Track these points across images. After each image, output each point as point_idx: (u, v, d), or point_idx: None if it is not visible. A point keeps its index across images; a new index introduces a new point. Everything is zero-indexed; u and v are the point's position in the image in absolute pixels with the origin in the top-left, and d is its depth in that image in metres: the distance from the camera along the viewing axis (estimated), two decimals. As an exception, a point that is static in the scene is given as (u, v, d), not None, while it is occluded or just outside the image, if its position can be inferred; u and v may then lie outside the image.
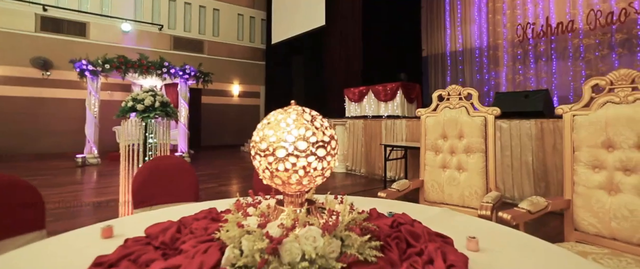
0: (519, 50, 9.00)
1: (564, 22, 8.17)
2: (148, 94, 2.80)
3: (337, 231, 0.65)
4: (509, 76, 9.14)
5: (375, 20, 8.00)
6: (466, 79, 10.38)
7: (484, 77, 9.85)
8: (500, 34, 9.39)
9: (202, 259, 0.64)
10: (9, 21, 8.08)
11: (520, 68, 9.02)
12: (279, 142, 0.70)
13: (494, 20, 9.59)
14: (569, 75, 8.15)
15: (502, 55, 9.38)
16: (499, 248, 0.87)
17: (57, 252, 0.83)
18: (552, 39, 8.49)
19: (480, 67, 9.94)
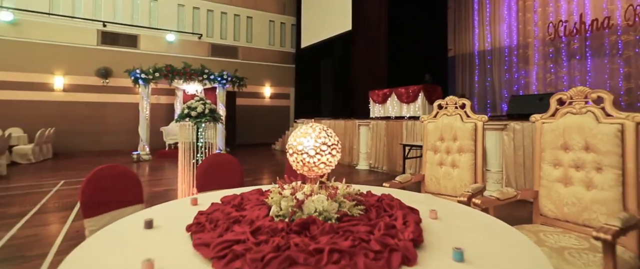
0: (550, 48, 8.86)
1: (599, 19, 7.99)
2: (199, 103, 3.41)
3: (336, 198, 1.11)
4: (540, 75, 9.03)
5: (400, 23, 8.28)
6: (494, 79, 10.33)
7: (513, 77, 9.77)
8: (530, 32, 9.29)
9: (259, 213, 1.13)
10: (76, 37, 9.30)
11: (551, 67, 8.88)
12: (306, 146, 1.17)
13: (524, 19, 9.49)
14: (605, 73, 7.96)
15: (532, 54, 9.27)
16: (452, 218, 1.28)
17: (169, 213, 1.36)
18: (587, 36, 8.30)
19: (509, 67, 9.87)
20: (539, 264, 0.91)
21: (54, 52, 9.05)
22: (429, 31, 8.98)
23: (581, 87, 1.67)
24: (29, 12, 8.71)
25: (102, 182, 1.71)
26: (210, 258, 0.86)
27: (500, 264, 0.92)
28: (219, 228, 1.02)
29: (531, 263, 0.93)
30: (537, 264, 0.92)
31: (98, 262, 0.89)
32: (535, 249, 1.01)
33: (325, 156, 1.18)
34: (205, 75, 8.03)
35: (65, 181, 5.16)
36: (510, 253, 1.00)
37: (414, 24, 8.49)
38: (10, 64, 8.57)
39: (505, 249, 1.02)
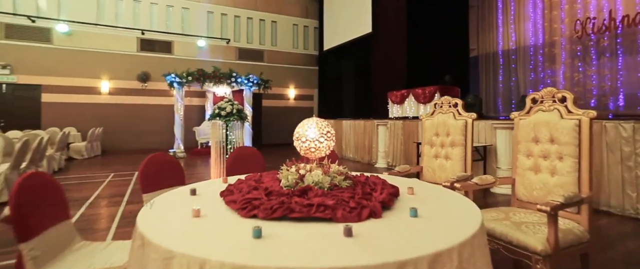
0: (578, 46, 8.69)
1: (631, 15, 7.79)
2: (228, 104, 3.89)
3: (329, 173, 1.49)
4: (567, 74, 8.87)
5: (420, 25, 8.46)
6: (519, 78, 10.23)
7: (539, 76, 9.64)
8: (557, 30, 9.14)
9: (272, 184, 1.53)
10: (119, 45, 10.26)
11: (580, 65, 8.71)
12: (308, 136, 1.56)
13: (551, 16, 9.35)
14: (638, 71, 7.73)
15: (559, 52, 9.11)
16: (425, 194, 1.61)
17: (206, 187, 1.79)
18: (618, 33, 8.10)
19: (535, 66, 9.74)
20: (472, 215, 1.24)
21: (100, 59, 10.06)
22: (450, 32, 9.06)
23: (550, 88, 1.94)
24: (80, 23, 9.75)
25: (154, 166, 2.19)
26: (236, 209, 1.27)
27: (442, 217, 1.25)
28: (243, 191, 1.43)
29: (465, 214, 1.26)
30: (470, 215, 1.24)
31: (163, 212, 1.31)
32: (475, 209, 1.33)
33: (323, 142, 1.56)
34: (233, 78, 8.64)
35: (114, 174, 5.89)
36: (455, 211, 1.33)
37: (434, 25, 8.62)
38: (66, 70, 9.64)
39: (452, 209, 1.35)
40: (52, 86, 9.52)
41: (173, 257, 0.92)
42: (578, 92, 8.83)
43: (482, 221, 1.22)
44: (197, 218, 1.21)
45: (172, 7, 11.05)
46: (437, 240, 1.01)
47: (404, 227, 1.15)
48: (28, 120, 9.09)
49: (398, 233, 1.09)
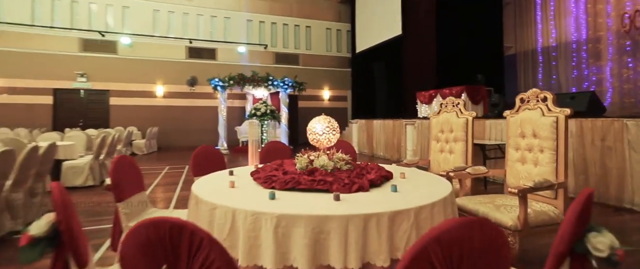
0: (627, 41, 8.20)
1: (686, 6, 7.26)
2: (262, 105, 4.44)
3: (333, 159, 1.91)
4: (615, 70, 8.40)
5: (450, 25, 8.50)
6: (561, 76, 9.81)
7: (582, 73, 9.20)
8: (602, 25, 8.68)
9: (290, 167, 1.98)
10: (170, 53, 11.44)
11: (629, 61, 8.22)
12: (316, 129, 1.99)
13: (595, 11, 8.90)
14: (693, 66, 7.19)
15: (605, 48, 8.65)
16: (415, 179, 1.96)
17: (242, 171, 2.29)
18: (672, 27, 7.56)
19: (578, 63, 9.31)
20: (441, 193, 1.58)
21: (155, 66, 11.30)
22: (483, 30, 8.97)
23: (535, 89, 2.18)
24: (139, 35, 11.06)
25: (202, 155, 2.75)
26: (260, 183, 1.73)
27: (416, 192, 1.61)
28: (266, 171, 1.90)
29: (436, 192, 1.60)
30: (440, 192, 1.58)
31: (208, 186, 1.81)
32: (447, 189, 1.66)
33: (327, 135, 1.98)
34: (269, 81, 9.31)
35: (169, 167, 6.79)
36: (429, 189, 1.67)
37: (465, 25, 8.60)
38: (128, 77, 11.00)
39: (428, 188, 1.70)
40: (117, 91, 10.91)
41: (216, 208, 1.40)
42: (628, 90, 8.33)
43: (448, 196, 1.56)
44: (232, 188, 1.69)
45: (216, 17, 12.07)
46: (401, 204, 1.38)
47: (382, 197, 1.53)
48: (99, 120, 10.54)
49: (375, 200, 1.48)
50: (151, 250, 0.79)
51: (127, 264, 0.82)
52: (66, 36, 10.47)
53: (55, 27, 10.35)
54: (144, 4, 11.27)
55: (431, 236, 0.72)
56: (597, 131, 3.82)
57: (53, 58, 10.30)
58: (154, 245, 0.78)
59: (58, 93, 10.46)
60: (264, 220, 1.27)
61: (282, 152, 3.12)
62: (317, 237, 1.25)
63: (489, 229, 0.78)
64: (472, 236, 0.75)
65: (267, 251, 1.26)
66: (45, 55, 10.23)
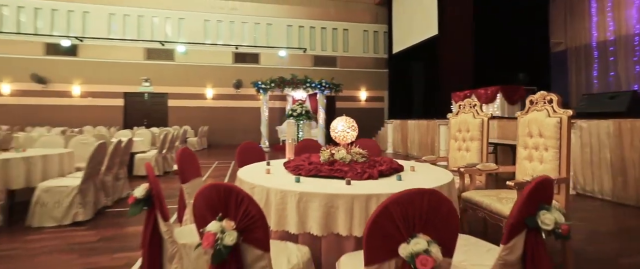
0: (699, 33, 7.47)
1: None
2: (298, 106, 4.89)
3: (350, 152, 2.27)
4: (685, 64, 7.67)
5: (488, 23, 8.32)
6: (620, 72, 9.14)
7: (645, 69, 8.48)
8: (668, 15, 7.95)
9: (316, 159, 2.37)
10: (219, 59, 12.47)
11: (700, 55, 7.47)
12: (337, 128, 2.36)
13: (660, 0, 8.17)
14: None
15: (672, 41, 7.92)
16: (424, 172, 2.25)
17: (277, 163, 2.73)
18: None
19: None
20: (441, 182, 1.87)
21: (206, 71, 12.39)
22: (526, 27, 8.64)
23: (543, 91, 2.35)
24: (192, 43, 12.21)
25: (244, 150, 3.24)
26: (290, 171, 2.14)
27: (418, 181, 1.92)
28: (296, 162, 2.31)
29: (437, 182, 1.89)
30: (440, 182, 1.87)
31: (249, 172, 2.27)
32: (448, 180, 1.94)
33: (346, 132, 2.35)
34: (307, 83, 9.82)
35: (218, 162, 7.57)
36: (432, 180, 1.96)
37: (506, 22, 8.36)
38: (183, 81, 12.21)
39: (431, 179, 1.99)
40: (174, 94, 12.17)
41: (255, 187, 1.84)
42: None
43: (444, 184, 1.85)
44: (268, 173, 2.13)
45: (259, 24, 12.89)
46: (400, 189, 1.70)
47: (386, 183, 1.86)
48: (160, 120, 11.86)
49: (380, 186, 1.82)
50: (211, 203, 1.22)
51: (197, 212, 1.27)
52: (134, 46, 11.92)
53: (125, 39, 11.83)
54: (196, 15, 12.43)
55: (392, 199, 1.07)
56: (637, 132, 3.72)
57: (123, 66, 11.80)
58: (213, 200, 1.22)
59: (127, 96, 11.95)
60: (289, 196, 1.68)
61: (313, 148, 3.53)
62: (328, 210, 1.63)
63: (437, 198, 1.10)
64: (422, 201, 1.08)
65: (291, 219, 1.67)
66: (117, 64, 11.75)
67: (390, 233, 1.07)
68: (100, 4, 11.73)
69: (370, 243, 1.08)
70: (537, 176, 2.19)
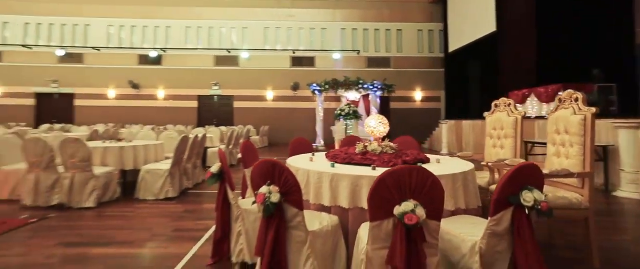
0: None
1: None
2: (346, 106, 5.31)
3: (382, 144, 2.64)
4: None
5: (554, 17, 7.77)
6: None
7: None
8: None
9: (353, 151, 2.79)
10: (278, 63, 13.46)
11: None
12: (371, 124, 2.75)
13: None
14: None
15: None
16: (448, 163, 2.52)
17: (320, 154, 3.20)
18: None
19: None
20: (462, 168, 2.15)
21: (266, 74, 13.48)
22: (601, 18, 7.84)
23: (570, 90, 2.44)
24: (254, 50, 13.40)
25: (296, 144, 3.78)
26: (329, 159, 2.60)
27: (437, 170, 2.22)
28: (335, 153, 2.76)
29: (457, 167, 2.17)
30: (460, 168, 2.15)
31: (297, 160, 2.77)
32: (467, 169, 2.20)
33: (378, 127, 2.72)
34: (360, 85, 10.17)
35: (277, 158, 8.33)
36: (452, 166, 2.24)
37: (575, 14, 7.70)
38: (246, 84, 13.47)
39: (450, 169, 2.27)
40: (239, 96, 13.50)
41: (299, 170, 2.32)
42: None
43: (458, 173, 2.12)
44: (311, 161, 2.61)
45: (314, 29, 13.59)
46: (413, 173, 2.05)
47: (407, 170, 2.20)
48: (227, 120, 13.28)
49: (400, 171, 2.17)
50: (263, 173, 1.73)
51: (253, 179, 1.80)
52: (205, 54, 13.53)
53: (198, 48, 13.49)
54: (258, 24, 13.60)
55: (388, 173, 1.45)
56: None
57: (197, 72, 13.46)
58: (264, 171, 1.73)
59: (200, 99, 13.61)
60: (325, 177, 2.13)
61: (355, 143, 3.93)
62: (354, 189, 2.04)
63: (423, 173, 1.45)
64: (411, 175, 1.44)
65: (326, 195, 2.12)
66: (192, 71, 13.46)
67: (387, 198, 1.46)
68: (179, 19, 13.55)
69: (372, 205, 1.48)
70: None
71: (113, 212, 3.49)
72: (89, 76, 13.41)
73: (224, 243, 2.28)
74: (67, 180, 3.63)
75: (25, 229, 2.93)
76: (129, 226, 3.05)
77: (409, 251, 1.42)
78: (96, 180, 3.70)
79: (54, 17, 13.38)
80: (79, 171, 3.66)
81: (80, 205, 3.61)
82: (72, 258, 2.35)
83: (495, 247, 1.58)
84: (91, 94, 13.44)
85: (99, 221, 3.20)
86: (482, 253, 1.57)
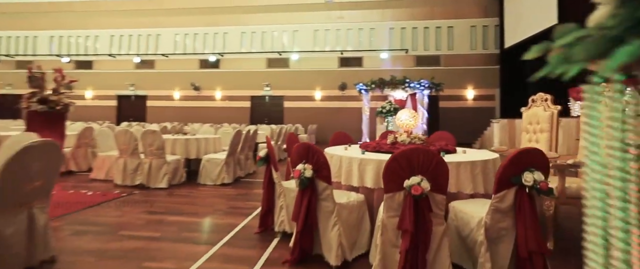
0: None
1: None
2: (387, 104, 5.52)
3: (411, 136, 2.87)
4: None
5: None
6: None
7: None
8: None
9: (384, 141, 3.05)
10: (326, 64, 13.92)
11: None
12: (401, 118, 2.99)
13: None
14: None
15: None
16: (472, 154, 2.67)
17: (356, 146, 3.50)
18: None
19: None
20: (484, 157, 2.32)
21: (315, 75, 14.02)
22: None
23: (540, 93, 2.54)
24: (303, 51, 14.02)
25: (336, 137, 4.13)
26: (362, 148, 2.90)
27: (457, 157, 2.40)
28: (366, 143, 3.05)
29: (478, 157, 2.35)
30: (482, 157, 2.32)
31: (334, 149, 3.12)
32: (491, 155, 2.36)
33: (409, 121, 2.95)
34: (406, 83, 10.16)
35: (319, 153, 8.79)
36: (473, 156, 2.41)
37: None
38: (296, 85, 14.16)
39: (472, 156, 2.43)
40: (289, 96, 14.25)
41: (332, 155, 2.67)
42: None
43: (477, 161, 2.30)
44: (345, 150, 2.93)
45: (362, 29, 13.80)
46: (433, 159, 2.27)
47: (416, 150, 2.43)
48: (277, 119, 14.10)
49: (422, 158, 2.40)
50: (299, 153, 2.11)
51: (292, 158, 2.18)
52: (258, 57, 14.51)
53: (252, 51, 14.53)
54: (307, 26, 14.21)
55: (399, 151, 1.73)
56: None
57: (250, 74, 14.50)
58: (300, 152, 2.10)
59: (253, 99, 14.64)
60: (354, 162, 2.45)
61: (392, 138, 4.15)
62: (378, 171, 2.32)
63: (429, 154, 1.70)
64: (419, 156, 1.70)
65: (354, 176, 2.44)
66: (246, 73, 14.54)
67: (398, 173, 1.73)
68: (235, 25, 14.71)
69: (386, 179, 1.77)
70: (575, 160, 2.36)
71: (180, 192, 4.16)
72: (159, 79, 15.19)
73: (269, 215, 2.71)
74: (146, 164, 4.40)
75: (118, 200, 3.69)
76: (194, 203, 3.66)
77: (416, 218, 1.68)
78: (168, 165, 4.42)
79: (133, 29, 15.39)
80: (155, 158, 4.41)
81: (156, 185, 4.35)
82: (153, 221, 2.97)
83: (499, 222, 1.76)
84: (160, 95, 15.20)
85: (170, 198, 3.87)
86: (486, 227, 1.76)
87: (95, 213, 3.17)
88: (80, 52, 15.79)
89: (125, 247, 2.34)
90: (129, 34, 15.46)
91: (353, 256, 2.13)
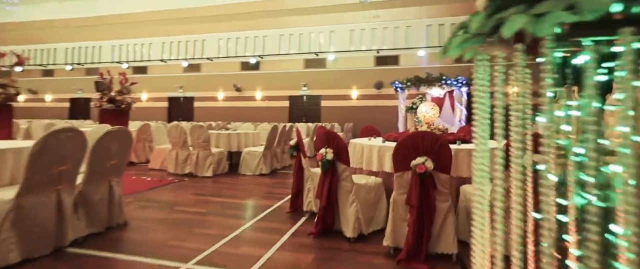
0: None
1: None
2: (418, 100, 5.60)
3: (431, 127, 3.03)
4: None
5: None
6: None
7: None
8: None
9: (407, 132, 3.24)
10: (362, 63, 14.06)
11: None
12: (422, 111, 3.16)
13: None
14: None
15: None
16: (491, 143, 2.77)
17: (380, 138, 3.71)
18: None
19: None
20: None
21: (351, 74, 14.23)
22: None
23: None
24: (340, 51, 14.30)
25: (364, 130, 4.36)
26: (384, 138, 3.12)
27: (468, 145, 2.54)
28: (389, 134, 3.26)
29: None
30: None
31: (359, 140, 3.36)
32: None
33: (429, 113, 3.12)
34: (442, 81, 10.01)
35: (353, 149, 9.03)
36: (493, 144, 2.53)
37: None
38: (333, 84, 14.48)
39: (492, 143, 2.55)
40: (326, 95, 14.61)
41: (356, 144, 2.93)
42: None
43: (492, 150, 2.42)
44: (369, 140, 3.17)
45: (398, 27, 13.74)
46: (447, 146, 2.44)
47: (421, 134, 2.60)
48: (315, 118, 14.54)
49: (438, 146, 2.57)
50: (322, 139, 2.40)
51: (316, 144, 2.48)
52: (296, 58, 15.05)
53: (290, 53, 15.11)
54: (343, 27, 14.45)
55: (406, 136, 1.95)
56: None
57: (289, 75, 15.09)
58: (323, 137, 2.39)
59: (291, 99, 15.21)
60: (374, 149, 2.69)
61: (419, 132, 4.30)
62: (396, 157, 2.54)
63: (434, 137, 1.89)
64: (424, 139, 1.91)
65: (374, 162, 2.68)
66: (285, 74, 15.15)
67: (406, 154, 1.96)
68: (274, 28, 15.39)
69: (395, 160, 2.00)
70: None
71: (224, 180, 4.65)
72: (205, 81, 16.35)
73: (298, 197, 3.04)
74: (194, 155, 4.97)
75: (171, 186, 4.25)
76: (235, 188, 4.11)
77: (422, 194, 1.90)
78: (213, 156, 4.95)
79: (181, 36, 16.74)
80: (201, 149, 4.97)
81: (203, 174, 4.89)
82: (201, 201, 3.44)
83: (502, 200, 1.90)
84: (206, 96, 16.36)
85: (215, 185, 4.36)
86: (490, 204, 1.92)
87: (154, 194, 3.72)
88: (137, 58, 17.50)
89: (180, 218, 2.80)
90: (178, 41, 16.84)
91: (369, 230, 2.37)
